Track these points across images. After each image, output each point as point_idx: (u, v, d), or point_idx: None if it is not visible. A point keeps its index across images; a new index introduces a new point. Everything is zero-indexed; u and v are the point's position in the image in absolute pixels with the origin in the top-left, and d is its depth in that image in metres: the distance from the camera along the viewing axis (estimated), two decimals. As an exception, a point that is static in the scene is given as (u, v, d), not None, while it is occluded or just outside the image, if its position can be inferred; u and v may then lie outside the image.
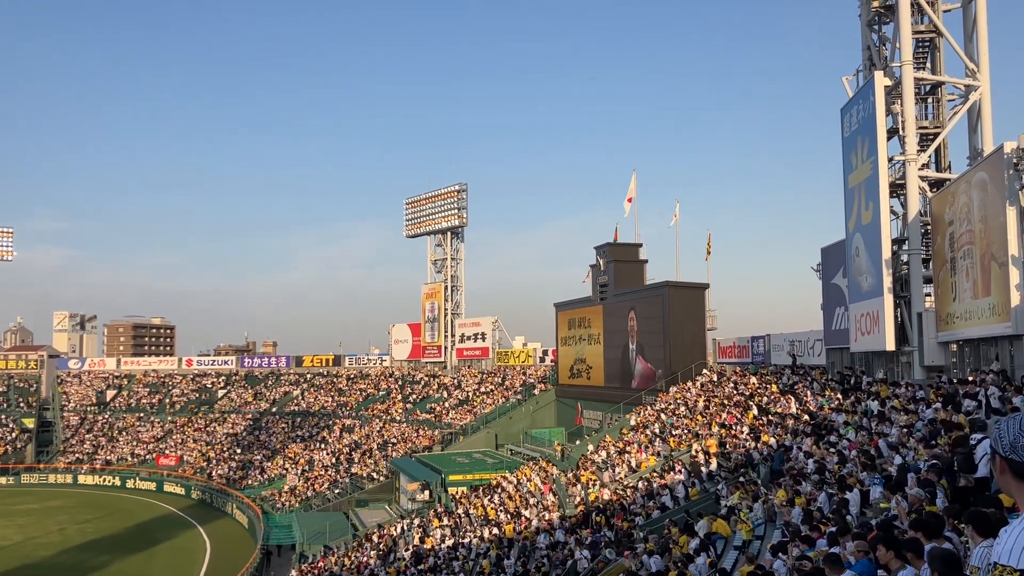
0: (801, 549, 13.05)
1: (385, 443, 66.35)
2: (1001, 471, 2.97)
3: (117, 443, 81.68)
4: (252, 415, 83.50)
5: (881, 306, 27.43)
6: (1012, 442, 2.90)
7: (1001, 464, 2.95)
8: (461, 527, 36.82)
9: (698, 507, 24.22)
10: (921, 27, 28.42)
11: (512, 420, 59.73)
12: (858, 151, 29.37)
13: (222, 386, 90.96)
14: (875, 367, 29.99)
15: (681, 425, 34.60)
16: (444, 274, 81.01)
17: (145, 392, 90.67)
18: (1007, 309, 21.33)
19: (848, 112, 30.61)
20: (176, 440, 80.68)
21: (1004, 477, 2.97)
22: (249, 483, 68.24)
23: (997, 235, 21.86)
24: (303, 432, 76.81)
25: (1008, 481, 2.96)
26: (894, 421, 20.34)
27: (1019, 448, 2.89)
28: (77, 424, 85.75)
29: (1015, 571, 2.69)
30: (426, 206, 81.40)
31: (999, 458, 2.95)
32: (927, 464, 14.14)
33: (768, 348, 40.00)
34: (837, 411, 25.39)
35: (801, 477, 19.98)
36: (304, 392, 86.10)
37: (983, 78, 27.27)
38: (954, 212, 24.88)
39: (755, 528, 19.28)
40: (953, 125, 28.40)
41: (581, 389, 55.57)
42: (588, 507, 30.18)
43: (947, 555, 6.17)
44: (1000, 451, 2.93)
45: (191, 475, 72.83)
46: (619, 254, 52.68)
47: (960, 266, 24.41)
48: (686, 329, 45.03)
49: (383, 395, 78.94)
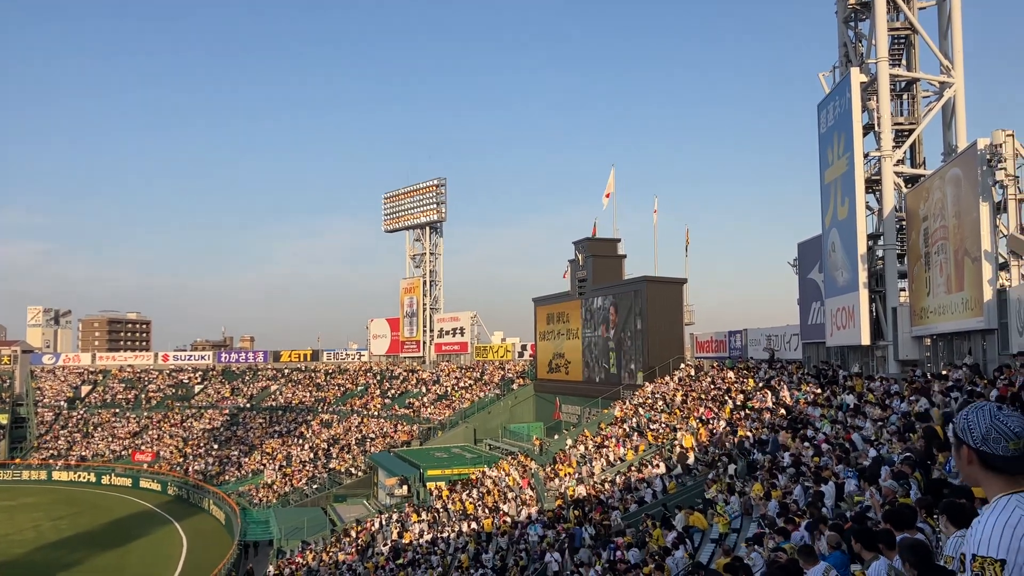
0: (776, 541, 13.15)
1: (363, 438, 66.17)
2: (968, 461, 2.96)
3: (92, 439, 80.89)
4: (229, 410, 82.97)
5: (856, 301, 27.66)
6: (984, 434, 2.90)
7: (968, 454, 2.95)
8: (439, 522, 36.81)
9: (676, 500, 24.34)
10: (897, 24, 28.65)
11: (491, 415, 59.74)
12: (834, 147, 29.58)
13: (199, 381, 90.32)
14: (851, 361, 30.25)
15: (659, 420, 34.74)
16: (423, 269, 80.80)
17: (120, 387, 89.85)
18: (980, 304, 21.58)
19: (825, 108, 30.82)
20: (152, 436, 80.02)
21: (971, 467, 2.96)
22: (226, 479, 67.84)
23: (970, 230, 22.10)
24: (281, 427, 76.46)
25: (976, 472, 2.96)
26: (868, 415, 20.54)
27: (990, 440, 2.89)
28: (51, 420, 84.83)
29: (996, 561, 2.70)
30: (405, 201, 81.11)
31: (967, 449, 2.95)
32: (901, 457, 14.29)
33: (745, 343, 40.23)
34: (813, 405, 25.60)
35: (777, 470, 20.12)
36: (282, 387, 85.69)
37: (957, 75, 27.53)
38: (928, 208, 25.11)
39: (732, 521, 19.41)
40: (928, 121, 28.67)
41: (559, 384, 55.66)
42: (566, 501, 30.26)
43: (917, 545, 6.24)
44: (970, 442, 2.93)
45: (167, 471, 72.27)
46: (598, 249, 52.75)
47: (934, 261, 24.66)
48: (664, 324, 45.20)
49: (361, 390, 78.71)
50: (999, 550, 2.71)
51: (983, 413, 2.93)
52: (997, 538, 2.73)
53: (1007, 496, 2.86)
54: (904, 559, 6.18)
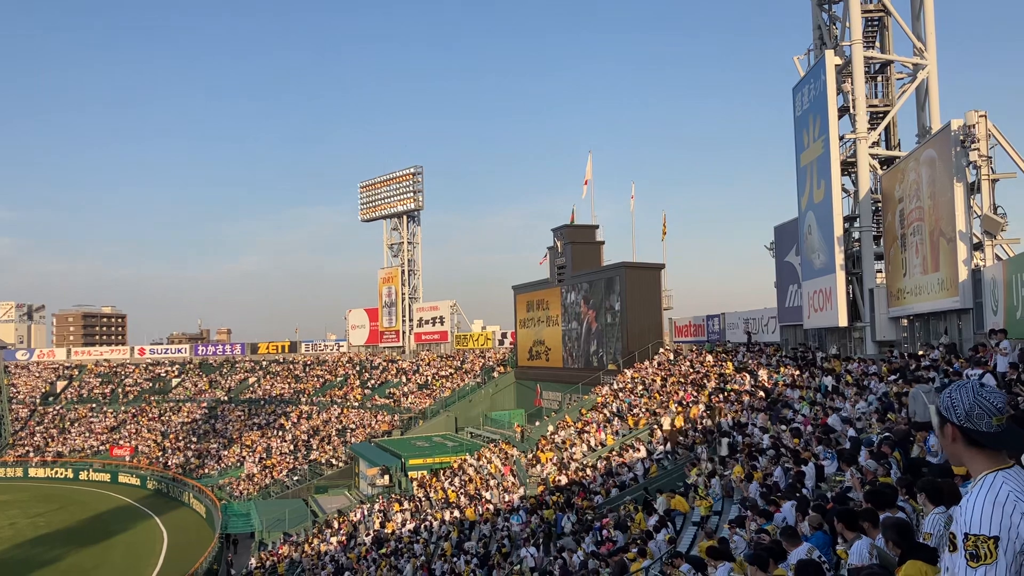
0: (759, 523, 13.21)
1: (344, 429, 65.98)
2: (952, 439, 2.96)
3: (69, 435, 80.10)
4: (208, 403, 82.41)
5: (833, 283, 27.84)
6: (968, 411, 2.89)
7: (953, 432, 2.94)
8: (422, 511, 36.78)
9: (657, 484, 24.43)
10: (870, 6, 28.75)
11: (471, 403, 59.72)
12: (810, 130, 29.69)
13: (176, 375, 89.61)
14: (828, 343, 30.45)
15: (639, 404, 34.85)
16: (401, 258, 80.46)
17: (97, 382, 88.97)
18: (955, 284, 21.75)
19: (800, 91, 30.90)
20: (130, 430, 79.37)
21: (956, 445, 2.96)
22: (206, 472, 67.43)
23: (945, 211, 22.26)
24: (260, 420, 76.04)
25: (960, 449, 2.95)
26: (847, 396, 20.68)
27: (974, 416, 2.88)
28: (27, 416, 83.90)
29: (989, 538, 2.69)
30: (381, 190, 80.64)
31: (951, 426, 2.94)
32: (879, 437, 14.39)
33: (723, 326, 40.42)
34: (792, 387, 25.75)
35: (757, 452, 20.22)
36: (260, 379, 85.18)
37: (930, 57, 27.68)
38: (904, 189, 25.27)
39: (714, 504, 19.49)
40: (902, 103, 28.83)
41: (540, 371, 55.71)
42: (548, 487, 30.30)
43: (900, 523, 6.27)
44: (953, 420, 2.92)
45: (146, 466, 71.76)
46: (576, 236, 52.77)
47: (910, 242, 24.83)
48: (642, 309, 45.32)
49: (341, 381, 78.42)
50: (991, 527, 2.70)
51: (966, 390, 2.93)
52: (988, 515, 2.72)
53: (993, 473, 2.85)
54: (887, 538, 6.20)
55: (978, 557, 2.69)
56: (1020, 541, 2.67)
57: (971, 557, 2.70)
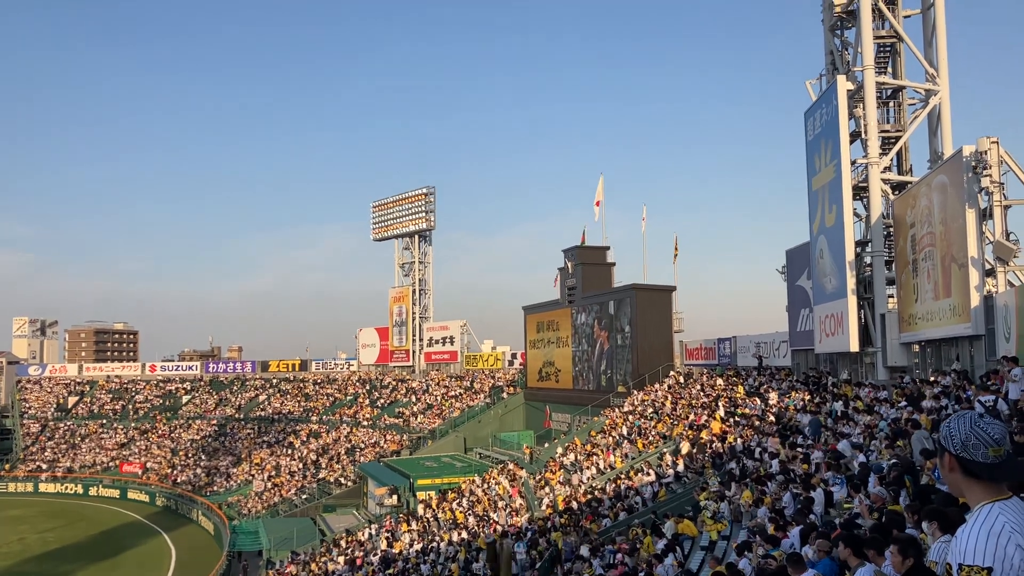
0: (766, 548, 13.13)
1: (353, 448, 65.92)
2: (950, 469, 2.98)
3: (79, 450, 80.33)
4: (217, 421, 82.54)
5: (845, 307, 27.73)
6: (963, 441, 2.92)
7: (950, 462, 2.97)
8: (429, 531, 36.67)
9: (665, 508, 24.31)
10: (882, 32, 28.81)
11: (480, 424, 59.63)
12: (822, 154, 29.70)
13: (186, 392, 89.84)
14: (840, 368, 30.30)
15: (649, 427, 34.72)
16: (412, 278, 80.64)
17: (108, 398, 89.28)
18: (967, 310, 21.65)
19: (812, 116, 30.95)
20: (140, 447, 79.54)
21: (953, 475, 2.99)
22: (215, 489, 67.43)
23: (957, 237, 22.19)
24: (269, 437, 76.08)
25: (957, 479, 2.98)
26: (857, 421, 20.56)
27: (970, 446, 2.91)
28: (38, 431, 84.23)
29: (983, 569, 2.70)
30: (393, 209, 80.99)
31: (948, 456, 2.97)
32: (889, 464, 14.31)
33: (734, 350, 40.28)
34: (802, 412, 25.61)
35: (766, 478, 20.11)
36: (270, 397, 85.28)
37: (942, 83, 27.69)
38: (915, 214, 25.21)
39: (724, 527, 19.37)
40: (914, 129, 28.81)
41: (550, 392, 55.60)
42: (556, 510, 30.18)
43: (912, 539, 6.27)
44: (951, 449, 2.95)
45: (156, 482, 71.83)
46: (587, 257, 52.82)
47: (922, 268, 24.75)
48: (653, 331, 45.24)
49: (350, 400, 78.43)
50: (985, 558, 2.72)
51: (963, 420, 2.96)
52: (983, 546, 2.74)
53: (990, 504, 2.87)
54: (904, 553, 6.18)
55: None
56: (1014, 572, 2.69)
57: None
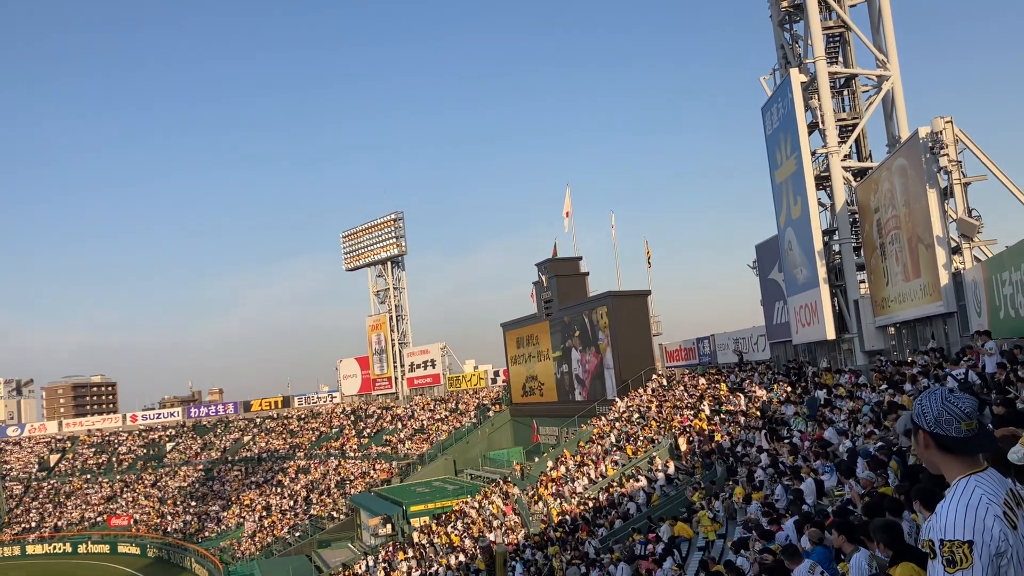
0: (762, 543, 13.15)
1: (342, 480, 65.39)
2: (925, 445, 3.03)
3: (65, 508, 79.04)
4: (203, 465, 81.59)
5: (818, 296, 27.99)
6: (936, 417, 2.96)
7: (925, 438, 3.01)
8: (427, 557, 36.41)
9: (660, 512, 24.30)
10: (830, 23, 29.25)
11: (469, 444, 59.36)
12: (782, 148, 30.03)
13: (170, 439, 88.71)
14: (819, 357, 30.54)
15: (636, 432, 34.75)
16: (388, 304, 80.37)
17: (90, 453, 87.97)
18: (937, 289, 21.92)
19: (769, 111, 31.30)
20: (127, 499, 78.41)
21: (929, 451, 3.03)
22: (206, 535, 66.58)
23: (921, 218, 22.49)
24: (257, 478, 75.30)
25: (933, 455, 3.02)
26: (841, 408, 20.71)
27: (943, 422, 2.95)
28: (21, 493, 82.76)
29: (964, 543, 2.73)
30: (363, 238, 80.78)
31: (923, 433, 3.01)
32: (875, 447, 14.41)
33: (714, 348, 40.47)
34: (785, 403, 25.76)
35: (755, 472, 20.18)
36: (255, 437, 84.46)
37: (893, 67, 28.12)
38: (879, 199, 25.54)
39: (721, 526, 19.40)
40: (870, 115, 29.21)
41: (535, 406, 55.52)
42: (550, 524, 30.09)
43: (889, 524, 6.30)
44: (924, 426, 2.99)
45: (146, 533, 70.80)
46: (560, 269, 52.91)
47: (890, 251, 25.04)
48: (632, 337, 45.30)
49: (336, 432, 77.85)
50: (965, 532, 2.74)
51: (935, 397, 3.00)
52: (962, 520, 2.77)
53: (966, 478, 2.91)
54: (877, 540, 6.22)
55: (954, 562, 2.73)
56: (995, 544, 2.71)
57: (947, 563, 2.74)
